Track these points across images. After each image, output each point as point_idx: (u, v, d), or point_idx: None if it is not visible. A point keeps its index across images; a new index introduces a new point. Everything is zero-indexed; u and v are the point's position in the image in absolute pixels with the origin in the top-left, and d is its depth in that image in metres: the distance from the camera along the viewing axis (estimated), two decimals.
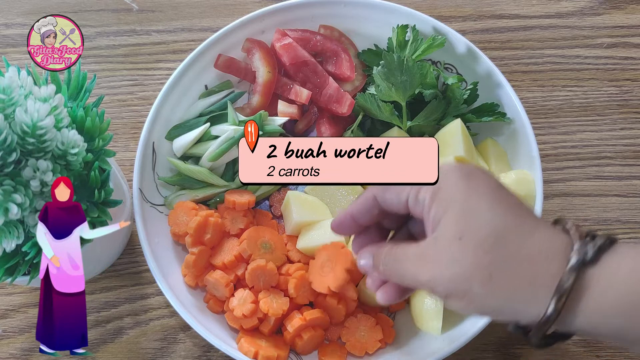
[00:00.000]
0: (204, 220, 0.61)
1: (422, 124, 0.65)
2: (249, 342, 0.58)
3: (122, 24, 0.80)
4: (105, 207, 0.53)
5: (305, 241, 0.62)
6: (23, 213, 0.47)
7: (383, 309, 0.63)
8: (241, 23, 0.69)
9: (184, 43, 0.79)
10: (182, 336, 0.65)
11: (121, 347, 0.64)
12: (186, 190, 0.65)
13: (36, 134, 0.46)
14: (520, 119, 0.64)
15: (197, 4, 0.81)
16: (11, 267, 0.51)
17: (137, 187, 0.63)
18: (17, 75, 0.49)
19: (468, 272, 0.39)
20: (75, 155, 0.49)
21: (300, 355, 0.61)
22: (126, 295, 0.67)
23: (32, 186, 0.47)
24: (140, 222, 0.62)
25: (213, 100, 0.69)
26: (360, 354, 0.60)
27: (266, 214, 0.66)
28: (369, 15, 0.70)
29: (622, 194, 0.70)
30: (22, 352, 0.64)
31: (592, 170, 0.71)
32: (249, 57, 0.69)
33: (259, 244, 0.61)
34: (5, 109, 0.47)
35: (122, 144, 0.73)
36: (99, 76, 0.76)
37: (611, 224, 0.68)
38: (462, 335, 0.57)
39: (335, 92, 0.67)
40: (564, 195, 0.70)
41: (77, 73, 0.56)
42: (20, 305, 0.66)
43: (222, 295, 0.61)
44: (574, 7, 0.80)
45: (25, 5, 0.81)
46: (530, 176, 0.61)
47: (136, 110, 0.75)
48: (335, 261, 0.58)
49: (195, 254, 0.61)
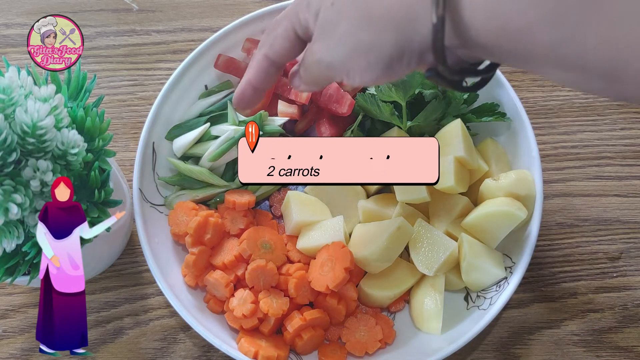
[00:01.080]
0: (204, 220, 0.61)
1: (422, 124, 0.65)
2: (249, 342, 0.58)
3: (122, 24, 0.80)
4: (105, 207, 0.53)
5: (305, 241, 0.62)
6: (23, 213, 0.47)
7: (383, 309, 0.63)
8: (241, 23, 0.69)
9: (184, 43, 0.79)
10: (182, 336, 0.65)
11: (121, 347, 0.64)
12: (186, 190, 0.65)
13: (36, 134, 0.46)
14: (520, 119, 0.64)
15: (197, 4, 0.81)
16: (11, 267, 0.51)
17: (137, 187, 0.63)
18: (17, 75, 0.49)
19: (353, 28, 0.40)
20: (75, 155, 0.49)
21: (300, 355, 0.61)
22: (126, 295, 0.67)
23: (32, 186, 0.47)
24: (140, 222, 0.62)
25: (213, 100, 0.69)
26: (360, 354, 0.60)
27: (266, 214, 0.66)
28: None
29: (622, 194, 0.70)
30: (22, 352, 0.64)
31: (592, 170, 0.71)
32: (249, 57, 0.69)
33: (259, 244, 0.61)
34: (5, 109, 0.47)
35: (122, 144, 0.73)
36: (99, 76, 0.76)
37: (611, 224, 0.69)
38: (462, 335, 0.57)
39: (335, 92, 0.67)
40: (564, 195, 0.70)
41: (77, 73, 0.56)
42: (20, 305, 0.66)
43: (222, 296, 0.61)
44: None
45: (25, 5, 0.81)
46: (530, 176, 0.61)
47: (136, 110, 0.75)
48: (335, 260, 0.58)
49: (195, 254, 0.61)
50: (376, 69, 0.41)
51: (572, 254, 0.67)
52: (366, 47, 0.40)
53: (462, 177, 0.60)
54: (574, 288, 0.66)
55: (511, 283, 0.58)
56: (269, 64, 0.47)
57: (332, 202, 0.64)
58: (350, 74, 0.42)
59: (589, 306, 0.65)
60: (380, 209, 0.63)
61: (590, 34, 0.31)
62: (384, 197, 0.64)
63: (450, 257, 0.58)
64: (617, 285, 0.66)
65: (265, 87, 0.49)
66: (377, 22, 0.39)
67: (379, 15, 0.39)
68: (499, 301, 0.58)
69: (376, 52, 0.40)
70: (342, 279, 0.57)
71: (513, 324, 0.64)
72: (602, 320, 0.64)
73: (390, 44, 0.39)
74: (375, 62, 0.40)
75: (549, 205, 0.69)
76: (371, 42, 0.40)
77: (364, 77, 0.42)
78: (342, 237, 0.60)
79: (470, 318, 0.59)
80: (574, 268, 0.67)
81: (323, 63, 0.43)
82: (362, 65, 0.41)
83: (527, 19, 0.33)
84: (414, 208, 0.63)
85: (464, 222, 0.60)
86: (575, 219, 0.69)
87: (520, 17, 0.33)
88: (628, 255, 0.67)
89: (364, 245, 0.59)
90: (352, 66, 0.41)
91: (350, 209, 0.64)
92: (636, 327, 0.64)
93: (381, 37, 0.39)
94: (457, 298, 0.62)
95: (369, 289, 0.61)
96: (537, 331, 0.64)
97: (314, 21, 0.43)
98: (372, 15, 0.39)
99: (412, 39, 0.38)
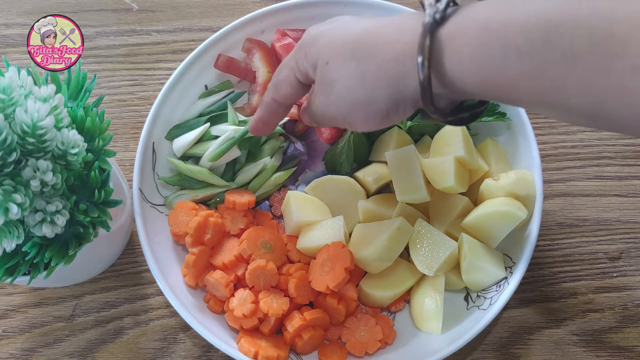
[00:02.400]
0: (204, 220, 0.61)
1: (422, 124, 0.65)
2: (249, 342, 0.58)
3: (122, 24, 0.80)
4: (105, 207, 0.53)
5: (305, 241, 0.62)
6: (23, 213, 0.47)
7: (383, 309, 0.63)
8: (241, 23, 0.69)
9: (184, 43, 0.79)
10: (182, 336, 0.65)
11: (121, 347, 0.64)
12: (186, 190, 0.65)
13: (36, 134, 0.46)
14: (520, 119, 0.64)
15: (197, 4, 0.81)
16: (11, 267, 0.51)
17: (137, 187, 0.63)
18: (17, 75, 0.49)
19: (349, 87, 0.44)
20: (75, 155, 0.49)
21: (300, 355, 0.61)
22: (126, 295, 0.67)
23: (32, 186, 0.47)
24: (140, 222, 0.62)
25: (213, 100, 0.69)
26: (360, 354, 0.60)
27: (266, 214, 0.66)
28: (369, 15, 0.70)
29: (622, 194, 0.70)
30: (22, 352, 0.64)
31: (592, 170, 0.71)
32: (249, 57, 0.69)
33: (259, 244, 0.61)
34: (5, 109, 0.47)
35: (122, 144, 0.73)
36: (99, 76, 0.76)
37: (611, 224, 0.69)
38: (462, 335, 0.57)
39: None
40: (564, 195, 0.70)
41: (77, 73, 0.56)
42: (20, 305, 0.66)
43: (222, 295, 0.61)
44: None
45: (25, 5, 0.81)
46: (530, 176, 0.61)
47: (136, 110, 0.75)
48: (335, 260, 0.58)
49: (195, 254, 0.61)
50: (375, 120, 0.45)
51: (572, 254, 0.67)
52: (363, 103, 0.44)
53: (462, 177, 0.60)
54: (574, 288, 0.66)
55: (511, 283, 0.58)
56: (277, 105, 0.53)
57: (332, 202, 0.64)
58: (352, 125, 0.47)
59: (589, 306, 0.65)
60: (380, 209, 0.63)
61: (570, 84, 0.34)
62: (384, 197, 0.64)
63: (450, 257, 0.58)
64: (617, 285, 0.66)
65: (275, 123, 0.55)
66: (371, 81, 0.42)
67: (371, 75, 0.42)
68: (499, 301, 0.58)
69: (373, 107, 0.44)
70: (342, 279, 0.57)
71: (513, 324, 0.64)
72: (602, 320, 0.64)
73: (385, 98, 0.43)
74: (374, 115, 0.44)
75: (549, 205, 0.69)
76: (367, 99, 0.43)
77: (365, 127, 0.46)
78: (342, 237, 0.60)
79: (470, 318, 0.59)
80: (574, 268, 0.67)
81: (326, 116, 0.48)
82: (362, 118, 0.45)
83: (509, 75, 0.36)
84: (414, 208, 0.63)
85: (464, 222, 0.60)
86: (575, 219, 0.69)
87: (502, 73, 0.36)
88: (628, 255, 0.67)
89: (364, 245, 0.59)
90: (353, 119, 0.46)
91: (350, 209, 0.64)
92: (636, 327, 0.64)
93: (376, 93, 0.43)
94: (457, 298, 0.62)
95: (369, 289, 0.61)
96: (537, 331, 0.64)
97: (312, 71, 0.47)
98: (365, 76, 0.43)
99: (405, 92, 0.41)
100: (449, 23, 0.39)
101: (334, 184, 0.64)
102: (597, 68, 0.32)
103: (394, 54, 0.41)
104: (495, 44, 0.36)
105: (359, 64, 0.43)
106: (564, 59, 0.33)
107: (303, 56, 0.47)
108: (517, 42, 0.35)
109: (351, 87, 0.44)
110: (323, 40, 0.46)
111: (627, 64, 0.31)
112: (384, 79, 0.42)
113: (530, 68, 0.35)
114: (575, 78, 0.33)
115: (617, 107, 0.33)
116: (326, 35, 0.46)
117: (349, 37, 0.44)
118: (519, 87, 0.36)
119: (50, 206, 0.48)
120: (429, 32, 0.38)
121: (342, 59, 0.44)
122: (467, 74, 0.38)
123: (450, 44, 0.38)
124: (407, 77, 0.41)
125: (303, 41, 0.48)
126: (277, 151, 0.67)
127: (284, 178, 0.66)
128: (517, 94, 0.37)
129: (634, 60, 0.31)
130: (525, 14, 0.35)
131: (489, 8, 0.37)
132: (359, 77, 0.43)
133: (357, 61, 0.43)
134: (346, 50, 0.43)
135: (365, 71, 0.42)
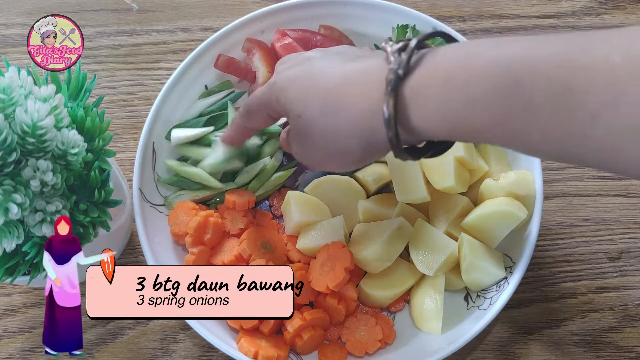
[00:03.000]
0: (204, 220, 0.61)
1: None
2: (249, 342, 0.58)
3: (122, 24, 0.80)
4: (105, 207, 0.53)
5: (305, 241, 0.62)
6: (23, 213, 0.47)
7: (383, 309, 0.63)
8: (241, 23, 0.69)
9: (184, 43, 0.79)
10: (182, 336, 0.65)
11: (121, 347, 0.64)
12: (186, 191, 0.65)
13: (36, 134, 0.46)
14: None
15: (197, 4, 0.81)
16: (11, 267, 0.51)
17: (137, 187, 0.63)
18: (17, 75, 0.49)
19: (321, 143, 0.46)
20: (75, 155, 0.49)
21: (300, 355, 0.61)
22: None
23: (32, 186, 0.47)
24: (140, 222, 0.62)
25: (213, 100, 0.69)
26: (360, 354, 0.60)
27: (266, 214, 0.66)
28: (369, 15, 0.70)
29: (622, 194, 0.70)
30: (22, 352, 0.64)
31: (592, 170, 0.71)
32: (249, 57, 0.69)
33: (259, 244, 0.61)
34: (5, 109, 0.47)
35: (122, 144, 0.73)
36: (99, 76, 0.76)
37: (611, 224, 0.69)
38: (462, 335, 0.57)
39: None
40: (564, 195, 0.70)
41: (77, 73, 0.56)
42: (20, 305, 0.66)
43: None
44: (574, 7, 0.80)
45: (25, 5, 0.81)
46: (531, 176, 0.61)
47: (136, 110, 0.75)
48: (335, 260, 0.58)
49: (195, 254, 0.61)
50: (350, 165, 0.47)
51: (572, 254, 0.67)
52: (337, 154, 0.46)
53: (462, 177, 0.60)
54: (574, 288, 0.66)
55: (511, 283, 0.58)
56: (248, 130, 0.58)
57: (332, 202, 0.64)
58: (330, 170, 0.50)
59: (589, 306, 0.65)
60: (380, 209, 0.63)
61: (533, 132, 0.35)
62: (384, 197, 0.64)
63: (450, 257, 0.58)
64: (617, 285, 0.66)
65: (244, 141, 0.62)
66: (343, 137, 0.44)
67: (342, 130, 0.44)
68: (499, 301, 0.58)
69: (348, 156, 0.46)
70: (342, 279, 0.57)
71: (513, 324, 0.64)
72: (602, 320, 0.64)
73: (358, 149, 0.44)
74: (350, 162, 0.46)
75: (549, 205, 0.69)
76: (340, 150, 0.45)
77: (342, 170, 0.51)
78: (342, 237, 0.60)
79: (470, 318, 0.59)
80: (574, 268, 0.67)
81: (305, 162, 0.50)
82: (337, 165, 0.48)
83: (475, 124, 0.37)
84: (414, 208, 0.63)
85: (464, 222, 0.60)
86: (575, 219, 0.69)
87: (468, 123, 0.38)
88: (628, 255, 0.67)
89: (364, 245, 0.59)
90: (329, 166, 0.49)
91: (350, 209, 0.64)
92: (636, 327, 0.64)
93: (349, 146, 0.44)
94: (457, 298, 0.62)
95: (369, 289, 0.61)
96: (537, 331, 0.64)
97: (285, 114, 0.49)
98: (337, 131, 0.44)
99: (376, 142, 0.43)
100: (413, 75, 0.39)
101: (334, 184, 0.64)
102: (558, 118, 0.33)
103: (360, 112, 0.42)
104: (459, 97, 0.37)
105: (328, 120, 0.44)
106: (525, 110, 0.34)
107: (275, 99, 0.48)
108: (481, 94, 0.36)
109: (323, 143, 0.46)
110: (293, 91, 0.47)
111: (586, 114, 0.32)
112: (355, 134, 0.43)
113: (494, 119, 0.36)
114: (538, 127, 0.35)
115: (581, 152, 0.34)
116: (296, 84, 0.47)
117: (320, 90, 0.45)
118: (486, 134, 0.37)
119: (50, 206, 0.48)
120: (392, 91, 0.39)
121: (312, 113, 0.45)
122: (434, 125, 0.39)
123: (416, 98, 0.39)
124: (376, 132, 0.42)
125: (275, 84, 0.48)
126: (277, 151, 0.67)
127: (284, 178, 0.66)
128: (486, 139, 0.38)
129: (593, 110, 0.32)
130: (488, 64, 0.36)
131: (452, 57, 0.38)
132: (331, 133, 0.44)
133: (327, 117, 0.44)
134: (316, 104, 0.45)
135: (337, 127, 0.44)
